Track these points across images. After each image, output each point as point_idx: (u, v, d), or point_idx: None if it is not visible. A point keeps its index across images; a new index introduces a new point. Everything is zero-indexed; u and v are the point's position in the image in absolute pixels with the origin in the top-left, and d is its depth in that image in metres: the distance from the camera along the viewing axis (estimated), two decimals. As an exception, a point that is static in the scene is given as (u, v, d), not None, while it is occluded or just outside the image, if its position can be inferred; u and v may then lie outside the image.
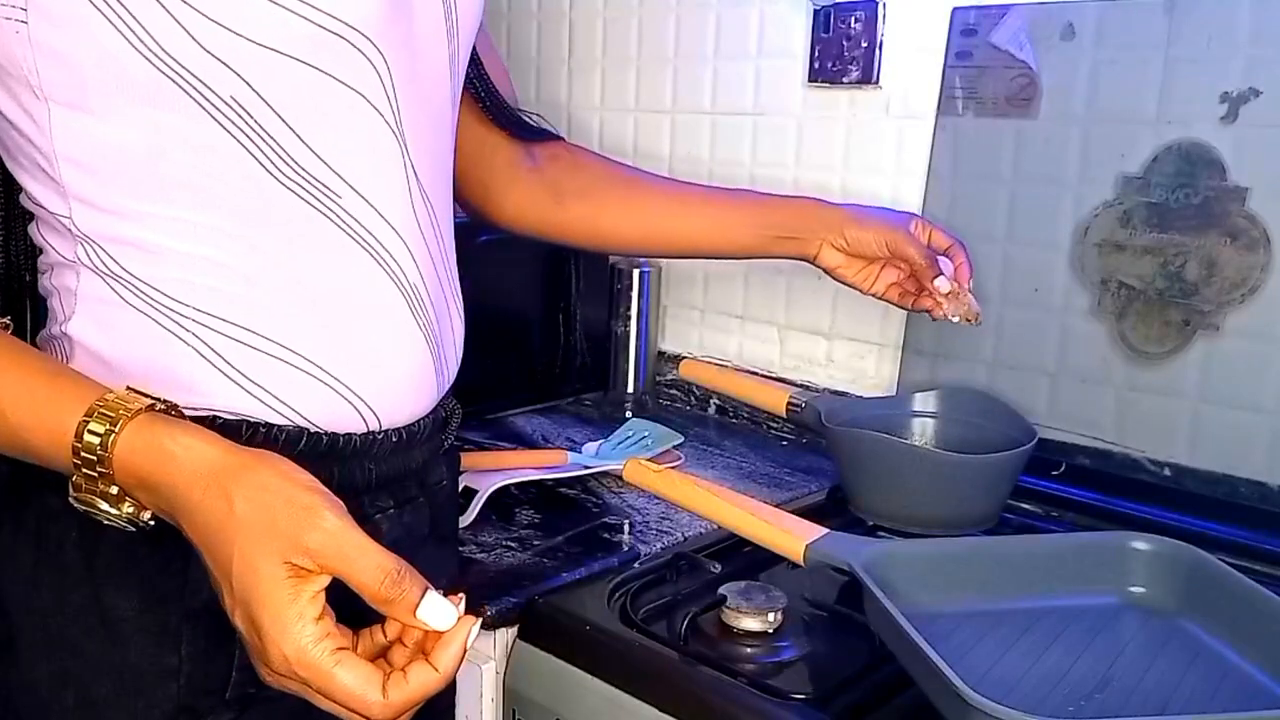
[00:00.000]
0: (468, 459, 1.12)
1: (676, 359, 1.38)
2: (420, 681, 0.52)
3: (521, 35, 1.61)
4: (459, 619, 0.53)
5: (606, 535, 0.98)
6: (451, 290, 0.72)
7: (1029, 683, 0.72)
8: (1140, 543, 0.83)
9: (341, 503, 0.53)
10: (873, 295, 0.98)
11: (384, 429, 0.66)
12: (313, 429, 0.63)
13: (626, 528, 0.99)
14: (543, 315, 1.40)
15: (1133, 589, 0.82)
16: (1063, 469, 1.08)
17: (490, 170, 0.91)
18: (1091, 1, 1.05)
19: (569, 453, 1.15)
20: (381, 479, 0.67)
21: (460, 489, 1.01)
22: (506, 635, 0.86)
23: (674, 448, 1.21)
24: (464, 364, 0.76)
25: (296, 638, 0.50)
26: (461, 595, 0.54)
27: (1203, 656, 0.75)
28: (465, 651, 0.53)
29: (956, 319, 0.95)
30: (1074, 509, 1.06)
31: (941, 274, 0.94)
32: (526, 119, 0.91)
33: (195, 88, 0.56)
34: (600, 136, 1.52)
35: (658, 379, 1.47)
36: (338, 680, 0.50)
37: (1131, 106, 1.03)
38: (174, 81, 0.56)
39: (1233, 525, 0.98)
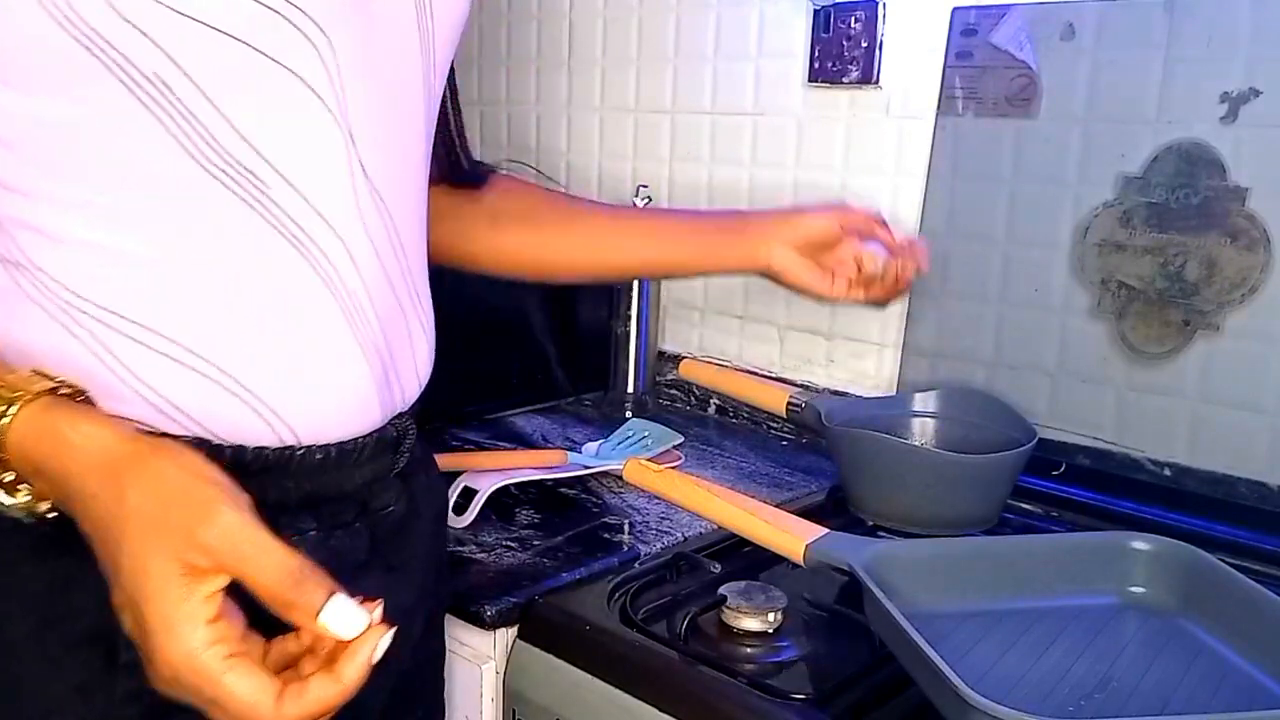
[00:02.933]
0: (468, 459, 1.12)
1: (676, 359, 1.37)
2: (320, 694, 0.48)
3: (522, 35, 1.61)
4: (368, 627, 0.49)
5: (606, 535, 0.98)
6: (413, 304, 0.66)
7: (1029, 683, 0.72)
8: (1140, 543, 0.83)
9: (247, 498, 0.50)
10: (834, 298, 0.94)
11: (305, 445, 0.60)
12: (215, 440, 0.58)
13: (626, 528, 0.99)
14: (543, 315, 1.40)
15: (1133, 589, 0.82)
16: (1063, 469, 1.08)
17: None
18: (1091, 1, 1.05)
19: (569, 453, 1.15)
20: (305, 499, 0.62)
21: (460, 489, 1.02)
22: (506, 635, 0.86)
23: (674, 448, 1.21)
24: (466, 364, 0.75)
25: (185, 640, 0.47)
26: (378, 602, 0.50)
27: (1203, 656, 0.75)
28: (371, 662, 0.49)
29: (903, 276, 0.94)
30: (1074, 509, 1.06)
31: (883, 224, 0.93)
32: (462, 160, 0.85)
33: (116, 61, 0.52)
34: (600, 137, 1.52)
35: (658, 379, 1.47)
36: (227, 688, 0.47)
37: (1131, 106, 1.03)
38: (93, 54, 0.52)
39: (1233, 525, 0.98)
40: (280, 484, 0.60)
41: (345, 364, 0.61)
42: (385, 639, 0.50)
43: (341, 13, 0.56)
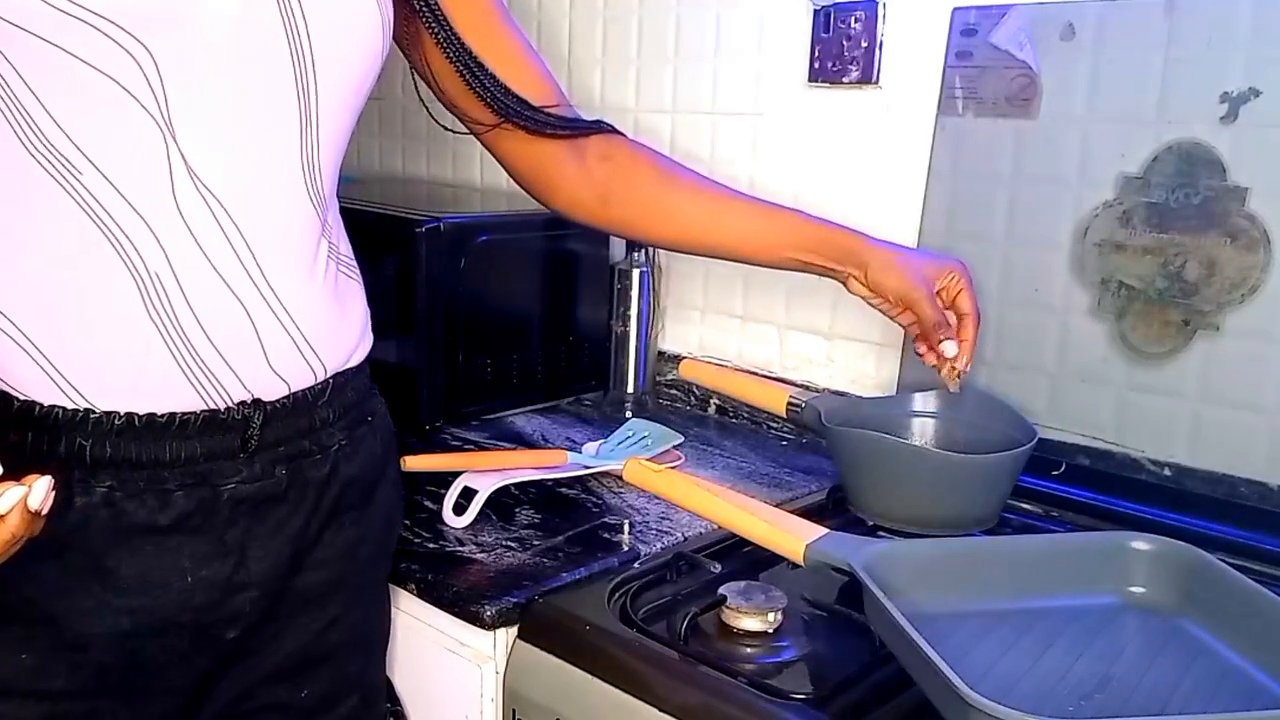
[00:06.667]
0: (468, 459, 1.12)
1: (676, 359, 1.37)
2: None
3: (521, 35, 1.61)
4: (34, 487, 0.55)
5: (606, 535, 0.98)
6: (260, 297, 0.68)
7: (1029, 683, 0.72)
8: (1140, 543, 0.83)
9: None
10: (897, 323, 0.99)
11: (100, 410, 0.65)
12: (11, 393, 0.65)
13: (626, 528, 0.99)
14: (543, 315, 1.40)
15: (1133, 589, 0.82)
16: (1063, 469, 1.08)
17: (538, 166, 0.94)
18: (1091, 1, 1.05)
19: (569, 453, 1.15)
20: (101, 459, 0.66)
21: (460, 489, 1.02)
22: (506, 635, 0.86)
23: (674, 448, 1.21)
24: (466, 364, 0.75)
25: None
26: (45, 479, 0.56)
27: (1203, 656, 0.75)
28: (22, 509, 0.55)
29: (946, 383, 0.97)
30: (1074, 509, 1.06)
31: (951, 338, 0.94)
32: (558, 117, 0.91)
33: None
34: (600, 136, 1.52)
35: (658, 379, 1.47)
36: None
37: (1131, 106, 1.03)
38: None
39: (1233, 525, 0.98)
40: (74, 440, 0.65)
41: (133, 340, 0.65)
42: (39, 487, 0.56)
43: (161, 24, 0.61)
